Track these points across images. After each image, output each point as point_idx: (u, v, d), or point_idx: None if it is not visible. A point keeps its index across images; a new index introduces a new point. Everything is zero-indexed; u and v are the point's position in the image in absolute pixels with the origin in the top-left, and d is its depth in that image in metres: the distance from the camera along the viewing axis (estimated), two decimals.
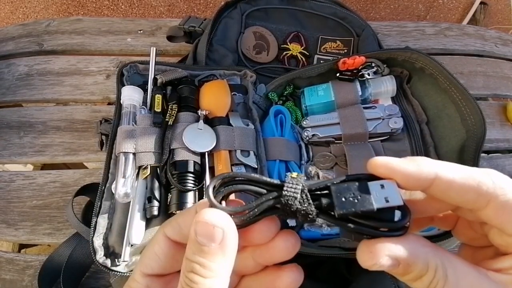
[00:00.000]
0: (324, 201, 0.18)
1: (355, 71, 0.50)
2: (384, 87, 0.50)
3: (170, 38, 0.66)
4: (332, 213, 0.18)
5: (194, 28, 0.62)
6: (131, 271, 0.36)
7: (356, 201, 0.17)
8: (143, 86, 0.47)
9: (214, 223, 0.17)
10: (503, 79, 0.74)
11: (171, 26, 0.66)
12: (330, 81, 0.52)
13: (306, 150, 0.50)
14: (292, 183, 0.18)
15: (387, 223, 0.17)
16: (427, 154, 0.47)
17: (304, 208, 0.18)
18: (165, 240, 0.20)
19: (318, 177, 0.46)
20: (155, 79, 0.47)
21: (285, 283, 0.20)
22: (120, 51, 0.70)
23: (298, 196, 0.18)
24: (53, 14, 1.27)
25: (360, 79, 0.50)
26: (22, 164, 0.67)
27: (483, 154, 0.63)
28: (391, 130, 0.47)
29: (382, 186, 0.18)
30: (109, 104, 0.66)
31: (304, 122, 0.50)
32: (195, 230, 0.17)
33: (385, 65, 0.51)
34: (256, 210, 0.18)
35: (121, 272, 0.36)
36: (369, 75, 0.50)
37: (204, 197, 0.38)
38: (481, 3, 1.43)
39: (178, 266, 0.20)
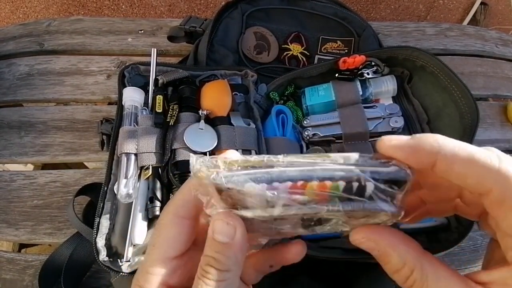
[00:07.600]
0: None
1: (355, 70, 0.50)
2: (385, 87, 0.50)
3: (171, 38, 0.66)
4: None
5: (195, 29, 0.62)
6: (134, 271, 0.36)
7: None
8: (144, 87, 0.47)
9: (231, 222, 0.19)
10: (503, 79, 0.74)
11: (172, 26, 0.66)
12: (330, 81, 0.52)
13: (307, 150, 0.50)
14: None
15: None
16: None
17: None
18: (181, 221, 0.21)
19: None
20: (156, 80, 0.48)
21: (293, 253, 0.23)
22: (121, 51, 0.70)
23: None
24: (54, 14, 1.27)
25: (359, 78, 0.51)
26: (22, 164, 0.66)
27: None
28: (392, 129, 0.47)
29: None
30: (109, 104, 0.66)
31: (305, 122, 0.50)
32: (213, 229, 0.19)
33: (384, 65, 0.51)
34: None
35: (124, 272, 0.36)
36: (368, 74, 0.50)
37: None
38: (481, 3, 1.43)
39: (193, 239, 0.22)
